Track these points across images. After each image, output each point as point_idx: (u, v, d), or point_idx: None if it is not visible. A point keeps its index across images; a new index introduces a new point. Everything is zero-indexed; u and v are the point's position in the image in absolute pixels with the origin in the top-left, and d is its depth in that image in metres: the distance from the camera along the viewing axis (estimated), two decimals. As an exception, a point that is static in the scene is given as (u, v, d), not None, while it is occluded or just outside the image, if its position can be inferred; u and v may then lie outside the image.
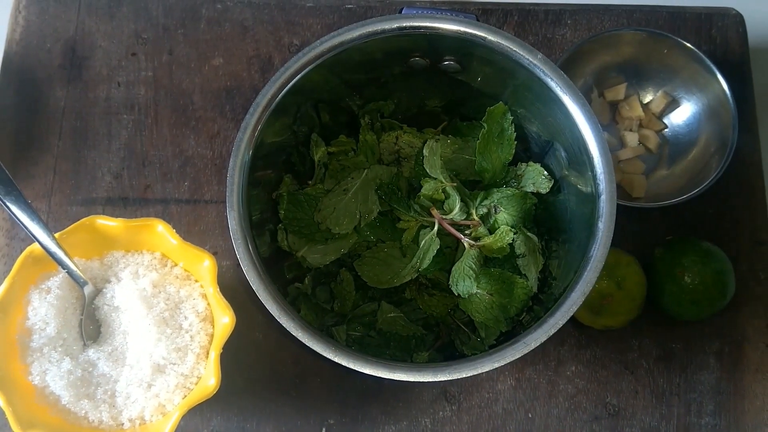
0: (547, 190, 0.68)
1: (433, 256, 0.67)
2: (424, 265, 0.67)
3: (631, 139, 0.81)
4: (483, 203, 0.68)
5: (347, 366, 0.55)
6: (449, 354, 0.69)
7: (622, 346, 0.76)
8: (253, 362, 0.76)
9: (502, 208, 0.66)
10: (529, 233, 0.68)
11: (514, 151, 0.69)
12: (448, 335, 0.71)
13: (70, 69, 0.84)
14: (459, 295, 0.65)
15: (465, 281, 0.64)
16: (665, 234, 0.78)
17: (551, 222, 0.70)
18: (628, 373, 0.76)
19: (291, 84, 0.62)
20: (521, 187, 0.70)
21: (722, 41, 0.85)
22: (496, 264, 0.67)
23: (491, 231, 0.67)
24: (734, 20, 0.86)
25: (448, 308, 0.70)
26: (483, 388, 0.75)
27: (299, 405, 0.75)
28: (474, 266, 0.64)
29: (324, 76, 0.65)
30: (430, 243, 0.67)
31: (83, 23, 0.85)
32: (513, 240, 0.66)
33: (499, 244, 0.65)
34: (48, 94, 0.83)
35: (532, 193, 0.69)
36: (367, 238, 0.70)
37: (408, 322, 0.69)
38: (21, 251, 0.65)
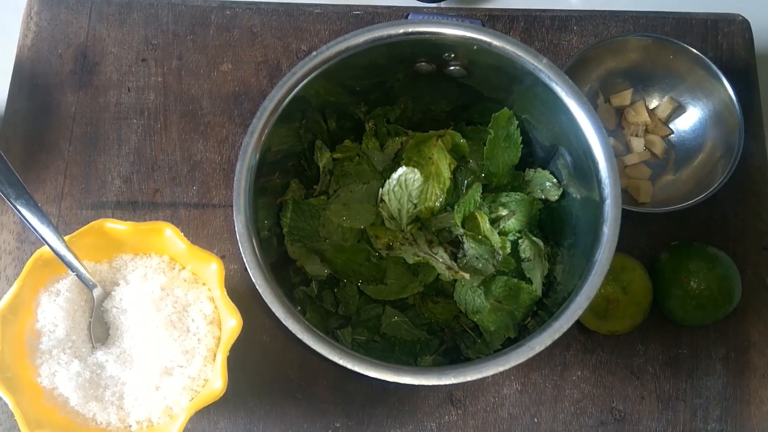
0: (557, 197, 0.68)
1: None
2: (430, 279, 0.68)
3: (637, 144, 0.81)
4: (492, 205, 0.68)
5: (353, 369, 0.55)
6: (454, 358, 0.69)
7: (628, 351, 0.76)
8: (260, 365, 0.76)
9: (513, 212, 0.67)
10: (534, 238, 0.68)
11: (520, 153, 0.69)
12: (452, 340, 0.70)
13: (80, 74, 0.84)
14: (466, 310, 0.66)
15: (475, 300, 0.65)
16: (671, 239, 0.78)
17: (556, 226, 0.70)
18: (634, 378, 0.75)
19: (298, 89, 0.62)
20: (529, 192, 0.70)
21: (728, 47, 0.85)
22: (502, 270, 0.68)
23: (501, 234, 0.67)
24: (741, 26, 0.86)
25: (453, 314, 0.70)
26: (489, 393, 0.75)
27: (305, 408, 0.75)
28: (479, 288, 0.65)
29: (330, 82, 0.65)
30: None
31: (94, 29, 0.86)
32: (518, 244, 0.66)
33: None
34: (59, 99, 0.83)
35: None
36: (369, 254, 0.70)
37: (412, 327, 0.69)
38: (31, 254, 0.65)
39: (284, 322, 0.56)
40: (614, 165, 0.57)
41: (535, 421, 0.74)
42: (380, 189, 0.69)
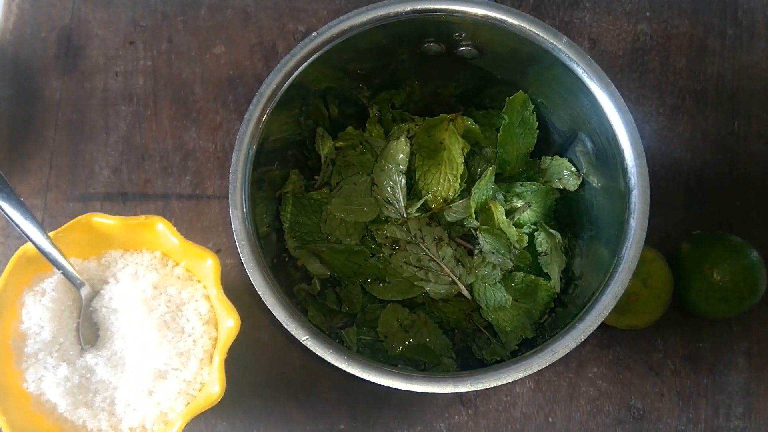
0: (576, 187, 0.66)
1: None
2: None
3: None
4: (506, 196, 0.66)
5: (362, 377, 0.53)
6: (465, 359, 0.66)
7: (647, 346, 0.74)
8: (259, 364, 0.74)
9: (529, 204, 0.63)
10: (551, 230, 0.65)
11: (536, 140, 0.66)
12: (464, 341, 0.68)
13: (65, 59, 0.82)
14: (487, 307, 0.63)
15: (496, 295, 0.62)
16: (691, 228, 0.76)
17: (574, 217, 0.68)
18: (653, 375, 0.73)
19: (297, 72, 0.60)
20: (546, 182, 0.67)
21: (748, 24, 0.82)
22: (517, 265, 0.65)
23: (515, 226, 0.65)
24: (761, 1, 0.82)
25: (465, 313, 0.67)
26: (501, 392, 0.73)
27: (308, 409, 0.73)
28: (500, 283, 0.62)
29: (331, 65, 0.62)
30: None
31: (79, 11, 0.83)
32: (534, 237, 0.63)
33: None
34: (43, 85, 0.81)
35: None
36: (374, 251, 0.68)
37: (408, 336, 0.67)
38: (16, 250, 0.63)
39: (287, 327, 0.54)
40: (642, 153, 0.55)
41: (550, 420, 0.72)
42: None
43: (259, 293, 0.55)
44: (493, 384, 0.51)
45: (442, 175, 0.65)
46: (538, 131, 0.66)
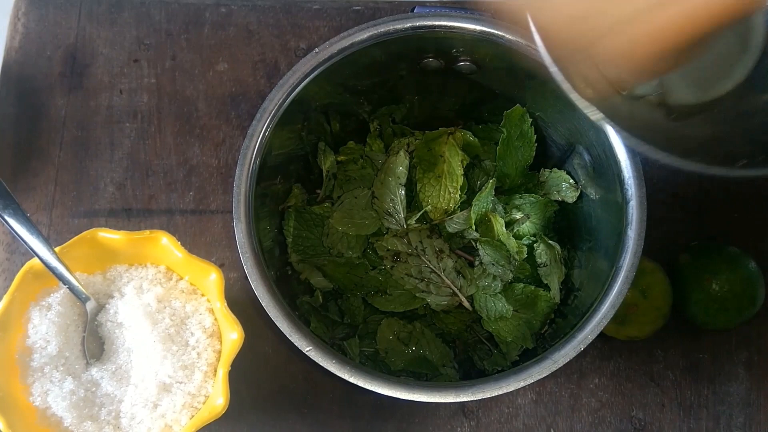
0: (574, 199, 0.66)
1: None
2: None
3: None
4: (505, 208, 0.66)
5: (364, 387, 0.53)
6: (467, 370, 0.66)
7: (647, 357, 0.74)
8: (262, 377, 0.74)
9: (528, 216, 0.64)
10: (550, 241, 0.65)
11: (534, 153, 0.66)
12: (465, 352, 0.68)
13: (70, 77, 0.82)
14: (488, 317, 0.63)
15: (497, 306, 0.62)
16: (689, 240, 0.76)
17: (572, 229, 0.68)
18: (654, 386, 0.73)
19: (299, 89, 0.60)
20: (545, 194, 0.67)
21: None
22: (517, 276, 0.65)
23: (515, 237, 0.65)
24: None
25: (466, 324, 0.67)
26: (502, 403, 0.72)
27: (310, 422, 0.73)
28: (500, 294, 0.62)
29: (333, 81, 0.63)
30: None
31: (84, 30, 0.84)
32: (534, 248, 0.63)
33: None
34: (48, 103, 0.82)
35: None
36: (375, 264, 0.68)
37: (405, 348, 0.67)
38: (22, 266, 0.63)
39: (290, 338, 0.54)
40: (638, 164, 0.55)
41: (552, 431, 0.72)
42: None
43: (263, 305, 0.55)
44: (494, 393, 0.51)
45: (443, 187, 0.65)
46: (536, 144, 0.66)
